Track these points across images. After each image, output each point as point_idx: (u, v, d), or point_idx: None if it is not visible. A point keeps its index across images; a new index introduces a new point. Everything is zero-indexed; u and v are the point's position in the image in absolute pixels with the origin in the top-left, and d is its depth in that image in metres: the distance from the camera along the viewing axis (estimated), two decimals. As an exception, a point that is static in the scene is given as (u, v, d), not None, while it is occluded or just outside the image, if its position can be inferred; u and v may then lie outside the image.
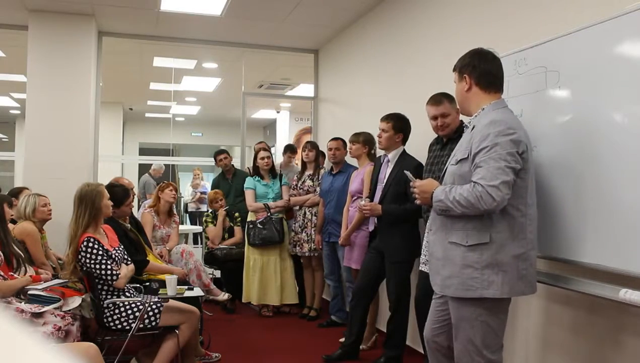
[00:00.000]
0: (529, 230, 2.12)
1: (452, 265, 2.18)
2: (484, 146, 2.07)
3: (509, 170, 2.03)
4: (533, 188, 2.17)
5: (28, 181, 4.80)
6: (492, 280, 2.09)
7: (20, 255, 3.26)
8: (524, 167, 2.08)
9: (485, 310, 2.15)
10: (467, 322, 2.18)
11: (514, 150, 2.04)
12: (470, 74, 2.22)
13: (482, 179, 2.04)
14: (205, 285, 4.38)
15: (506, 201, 2.04)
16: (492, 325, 2.16)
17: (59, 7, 5.00)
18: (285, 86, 8.18)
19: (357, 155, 4.14)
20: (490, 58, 2.23)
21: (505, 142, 2.04)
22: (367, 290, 3.67)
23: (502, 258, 2.08)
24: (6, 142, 12.98)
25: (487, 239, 2.09)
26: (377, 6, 4.67)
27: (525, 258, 2.11)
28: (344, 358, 3.69)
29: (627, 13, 2.05)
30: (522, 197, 2.10)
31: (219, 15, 5.05)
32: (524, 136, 2.09)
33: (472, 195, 2.05)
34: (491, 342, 2.17)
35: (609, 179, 2.12)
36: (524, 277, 2.11)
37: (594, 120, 2.23)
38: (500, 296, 2.10)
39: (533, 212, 2.15)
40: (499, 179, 2.01)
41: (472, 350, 2.18)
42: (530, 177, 2.13)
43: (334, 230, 4.49)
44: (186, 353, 3.17)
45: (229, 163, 5.83)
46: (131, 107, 10.88)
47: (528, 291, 2.17)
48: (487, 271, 2.09)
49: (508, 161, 2.03)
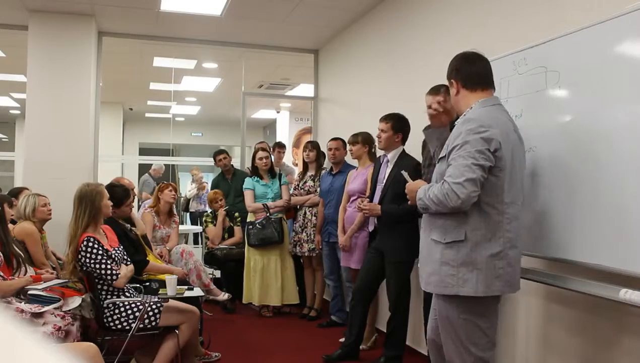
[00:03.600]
0: (506, 229, 2.11)
1: (432, 262, 2.21)
2: (455, 144, 2.11)
3: (476, 168, 2.04)
4: (516, 187, 2.15)
5: (28, 181, 4.80)
6: (466, 279, 2.11)
7: (20, 255, 3.26)
8: (497, 165, 2.07)
9: (467, 308, 2.16)
10: (450, 319, 2.21)
11: (484, 147, 2.05)
12: (456, 77, 2.27)
13: (449, 177, 2.08)
14: (205, 285, 4.38)
15: (473, 198, 2.05)
16: (479, 324, 2.17)
17: (59, 7, 5.00)
18: (285, 86, 8.17)
19: (358, 155, 4.14)
20: (473, 59, 2.28)
21: (475, 140, 2.06)
22: (367, 290, 3.67)
23: (477, 256, 2.09)
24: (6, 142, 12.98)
25: (462, 237, 2.11)
26: (377, 6, 4.67)
27: (502, 257, 2.10)
28: (344, 358, 3.69)
29: (627, 13, 2.05)
30: (498, 195, 2.10)
31: (219, 15, 5.05)
32: (498, 134, 2.08)
33: (441, 193, 2.09)
34: (479, 340, 2.18)
35: (609, 178, 2.12)
36: (501, 276, 2.10)
37: (594, 120, 2.23)
38: (475, 294, 2.10)
39: (513, 211, 2.13)
40: (464, 177, 2.04)
41: (460, 348, 2.20)
42: (507, 175, 2.10)
43: (333, 230, 4.48)
44: (186, 353, 3.17)
45: (229, 163, 5.83)
46: (131, 107, 10.88)
47: (507, 290, 2.17)
48: (463, 269, 2.11)
49: (476, 159, 2.04)
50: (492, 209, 2.10)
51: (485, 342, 2.20)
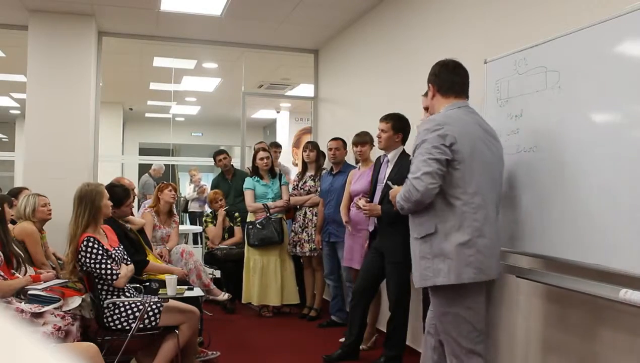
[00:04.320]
0: (473, 219, 2.22)
1: (414, 258, 2.38)
2: (416, 144, 2.30)
3: (431, 161, 2.20)
4: (480, 178, 2.26)
5: (28, 181, 4.80)
6: (440, 269, 2.24)
7: (20, 255, 3.26)
8: (455, 158, 2.22)
9: (447, 300, 2.29)
10: (437, 313, 2.37)
11: (440, 143, 2.21)
12: (433, 83, 2.45)
13: (410, 174, 2.28)
14: (205, 285, 4.38)
15: (431, 190, 2.21)
16: (463, 315, 2.28)
17: (59, 7, 5.00)
18: (285, 86, 8.17)
19: (367, 156, 4.13)
20: (452, 68, 2.43)
21: (432, 137, 2.23)
22: (367, 290, 3.67)
23: (447, 247, 2.22)
24: (6, 142, 12.98)
25: (433, 230, 2.26)
26: (377, 6, 4.67)
27: (470, 245, 2.21)
28: (344, 358, 3.69)
29: (627, 13, 2.05)
30: (461, 187, 2.23)
31: (219, 15, 5.05)
32: (453, 130, 2.23)
33: (405, 189, 2.28)
34: (468, 333, 2.28)
35: (609, 179, 2.12)
36: (471, 263, 2.21)
37: (594, 120, 2.24)
38: (449, 282, 2.23)
39: (478, 200, 2.23)
40: (420, 171, 2.22)
41: (452, 343, 2.30)
42: (466, 167, 2.23)
43: (334, 230, 4.49)
44: (186, 353, 3.17)
45: (229, 163, 5.84)
46: (131, 107, 10.88)
47: (480, 277, 2.24)
48: (436, 260, 2.25)
49: (432, 153, 2.21)
50: (457, 200, 2.23)
51: (475, 336, 2.28)
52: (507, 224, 2.67)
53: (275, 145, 6.10)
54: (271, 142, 6.26)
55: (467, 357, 2.29)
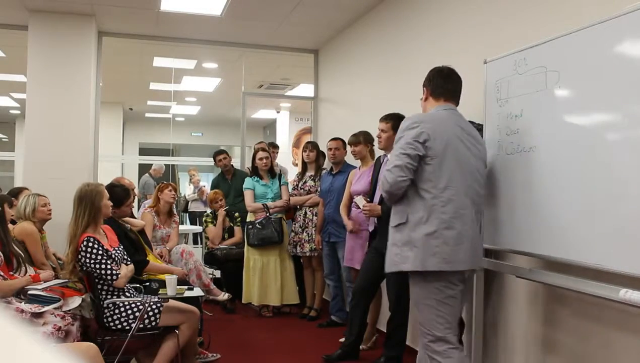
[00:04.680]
0: (441, 211, 2.36)
1: (388, 245, 2.55)
2: (396, 140, 2.48)
3: (403, 156, 2.37)
4: (453, 174, 2.38)
5: (28, 181, 4.80)
6: (407, 256, 2.40)
7: (20, 255, 3.26)
8: (428, 154, 2.37)
9: (420, 290, 2.45)
10: (412, 302, 2.56)
11: (413, 139, 2.37)
12: (428, 86, 2.62)
13: (385, 166, 2.47)
14: (205, 285, 4.37)
15: (400, 182, 2.37)
16: (434, 306, 2.41)
17: (59, 7, 5.00)
18: (285, 86, 8.17)
19: (362, 155, 4.13)
20: (445, 74, 2.59)
21: (407, 134, 2.40)
22: (367, 290, 3.67)
23: (415, 236, 2.38)
24: (6, 142, 12.99)
25: (404, 219, 2.42)
26: (377, 6, 4.67)
27: (437, 236, 2.35)
28: (344, 358, 3.69)
29: (627, 13, 2.05)
30: (432, 181, 2.37)
31: (219, 15, 5.05)
32: (428, 128, 2.39)
33: (381, 180, 2.48)
34: (437, 323, 2.40)
35: (609, 179, 2.12)
36: (437, 253, 2.35)
37: (594, 120, 2.24)
38: (414, 269, 2.39)
39: (449, 195, 2.36)
40: (392, 164, 2.40)
41: (422, 328, 2.48)
42: (438, 163, 2.37)
43: (334, 230, 4.49)
44: (186, 353, 3.17)
45: (229, 163, 5.84)
46: (131, 107, 10.88)
47: (444, 267, 2.36)
48: (405, 248, 2.42)
49: (404, 149, 2.38)
50: (428, 194, 2.38)
51: (445, 327, 2.40)
52: (507, 224, 2.68)
53: (273, 146, 6.11)
54: (269, 142, 6.26)
55: (436, 344, 2.42)
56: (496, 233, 2.76)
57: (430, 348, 2.44)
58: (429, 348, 2.44)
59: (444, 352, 2.40)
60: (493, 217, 2.77)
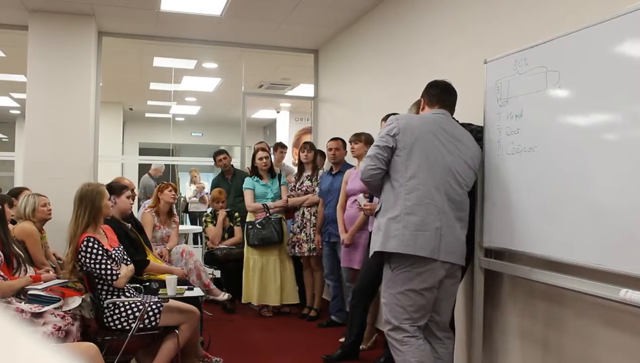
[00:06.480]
0: (405, 198, 2.54)
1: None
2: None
3: (375, 148, 2.62)
4: (420, 166, 2.54)
5: (28, 181, 4.80)
6: (376, 239, 2.61)
7: (20, 255, 3.26)
8: (398, 146, 2.57)
9: (385, 275, 2.64)
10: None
11: (386, 134, 2.61)
12: (425, 96, 2.83)
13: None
14: (205, 285, 4.37)
15: (370, 171, 2.59)
16: (391, 292, 2.59)
17: (59, 7, 5.00)
18: (285, 86, 8.17)
19: (359, 154, 4.13)
20: (440, 86, 2.80)
21: (383, 130, 2.65)
22: (367, 290, 3.67)
23: (382, 220, 2.60)
24: (6, 142, 12.98)
25: (379, 207, 2.67)
26: (377, 6, 4.67)
27: (398, 221, 2.53)
28: (344, 358, 3.69)
29: (627, 13, 2.05)
30: (400, 171, 2.57)
31: (219, 15, 5.05)
32: (401, 123, 2.60)
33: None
34: (393, 308, 2.57)
35: (609, 178, 2.12)
36: (396, 236, 2.52)
37: (594, 120, 2.24)
38: (379, 249, 2.57)
39: (414, 184, 2.54)
40: (366, 155, 2.67)
41: (385, 314, 2.64)
42: (407, 154, 2.56)
43: (334, 230, 4.48)
44: (186, 353, 3.17)
45: (229, 163, 5.83)
46: (131, 107, 10.88)
47: (402, 249, 2.51)
48: (377, 232, 2.63)
49: (377, 141, 2.64)
50: (396, 183, 2.58)
51: (405, 318, 2.55)
52: (507, 224, 2.68)
53: (281, 146, 6.07)
54: (276, 142, 6.25)
55: (394, 332, 2.59)
56: (496, 233, 2.76)
57: (390, 336, 2.60)
58: (390, 336, 2.61)
59: (401, 340, 2.56)
60: (493, 217, 2.77)
